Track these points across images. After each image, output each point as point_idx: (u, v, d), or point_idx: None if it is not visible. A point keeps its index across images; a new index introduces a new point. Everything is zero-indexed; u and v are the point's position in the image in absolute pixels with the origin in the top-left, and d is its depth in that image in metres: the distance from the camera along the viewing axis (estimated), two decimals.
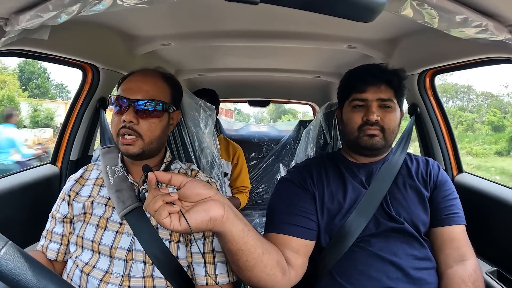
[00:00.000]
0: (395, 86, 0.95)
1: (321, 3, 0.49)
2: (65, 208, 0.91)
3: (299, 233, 0.88)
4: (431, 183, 0.97)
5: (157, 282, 0.82)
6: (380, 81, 0.94)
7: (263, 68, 2.04)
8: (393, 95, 0.94)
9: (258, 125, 3.40)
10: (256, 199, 2.44)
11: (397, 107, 0.96)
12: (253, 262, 0.71)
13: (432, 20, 0.63)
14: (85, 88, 1.36)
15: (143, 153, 0.86)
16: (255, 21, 1.18)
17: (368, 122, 0.92)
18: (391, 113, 0.94)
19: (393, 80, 0.95)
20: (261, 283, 0.76)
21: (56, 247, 0.90)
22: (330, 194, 0.94)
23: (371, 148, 0.94)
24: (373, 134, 0.92)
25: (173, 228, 0.60)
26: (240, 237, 0.67)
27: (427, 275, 0.86)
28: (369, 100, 0.93)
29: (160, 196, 0.61)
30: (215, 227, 0.64)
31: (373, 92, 0.93)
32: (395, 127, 0.95)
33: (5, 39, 0.71)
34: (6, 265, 0.45)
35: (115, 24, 1.19)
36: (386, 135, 0.94)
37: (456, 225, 0.92)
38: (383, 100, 0.93)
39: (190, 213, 0.62)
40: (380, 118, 0.92)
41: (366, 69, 0.99)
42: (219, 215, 0.63)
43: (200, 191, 0.64)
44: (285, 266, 0.81)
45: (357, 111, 0.95)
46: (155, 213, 0.60)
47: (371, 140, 0.93)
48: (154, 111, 0.85)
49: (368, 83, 0.94)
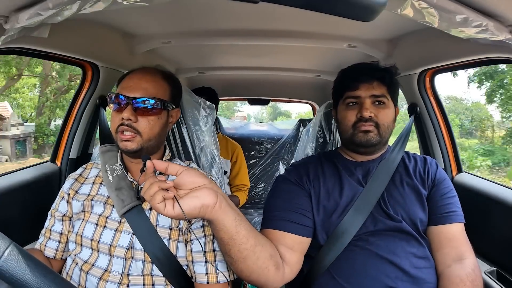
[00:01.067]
0: (387, 82, 0.96)
1: (321, 2, 0.49)
2: (64, 206, 0.91)
3: (294, 229, 0.88)
4: (429, 181, 0.97)
5: (156, 280, 0.83)
6: (372, 78, 0.95)
7: (263, 66, 2.04)
8: (386, 91, 0.96)
9: (258, 123, 3.40)
10: (255, 198, 2.45)
11: (391, 104, 0.97)
12: (246, 253, 0.72)
13: (432, 19, 0.63)
14: (84, 86, 1.36)
15: (142, 150, 0.86)
16: (255, 20, 1.18)
17: (362, 119, 0.93)
18: (385, 109, 0.95)
19: (385, 77, 0.96)
20: (254, 276, 0.77)
21: (55, 245, 0.91)
22: (326, 191, 0.94)
23: (366, 145, 0.95)
24: (368, 130, 0.93)
25: (166, 213, 0.62)
26: (232, 226, 0.69)
27: (426, 274, 0.86)
28: (362, 97, 0.94)
29: (156, 182, 0.63)
30: (207, 214, 0.66)
31: (365, 89, 0.94)
32: (389, 123, 0.96)
33: (5, 37, 0.70)
34: (10, 267, 0.45)
35: (115, 22, 1.19)
36: (381, 131, 0.94)
37: (454, 223, 0.92)
38: (376, 97, 0.94)
39: (184, 199, 0.64)
40: (374, 114, 0.93)
41: (357, 68, 1.01)
42: (211, 202, 0.65)
43: (194, 179, 0.66)
44: (279, 261, 0.81)
45: (351, 108, 0.96)
46: (150, 198, 0.62)
47: (366, 136, 0.93)
48: (152, 109, 0.85)
49: (361, 81, 0.95)
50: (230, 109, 26.11)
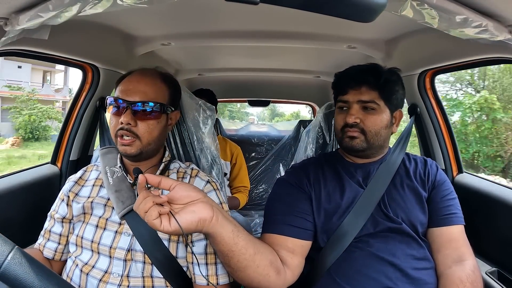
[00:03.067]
0: (378, 87, 0.93)
1: (321, 3, 0.49)
2: (64, 209, 0.91)
3: (295, 233, 0.88)
4: (429, 183, 0.97)
5: (156, 282, 0.82)
6: (359, 83, 0.94)
7: (263, 68, 2.04)
8: (378, 96, 0.93)
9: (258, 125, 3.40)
10: (256, 199, 2.44)
11: (384, 109, 0.94)
12: (245, 263, 0.72)
13: (432, 20, 0.63)
14: (85, 88, 1.36)
15: (141, 154, 0.86)
16: (255, 21, 1.18)
17: (348, 124, 0.93)
18: (374, 115, 0.93)
19: (374, 82, 0.93)
20: (255, 283, 0.76)
21: (54, 246, 0.91)
22: (327, 194, 0.94)
23: (351, 150, 0.95)
24: (353, 136, 0.93)
25: (163, 230, 0.61)
26: (230, 238, 0.69)
27: (426, 275, 0.86)
28: (350, 102, 0.94)
29: (151, 197, 0.61)
30: (205, 228, 0.65)
31: (353, 94, 0.94)
32: (378, 129, 0.93)
33: (5, 39, 0.70)
34: (14, 270, 0.45)
35: (115, 24, 1.19)
36: (368, 138, 0.93)
37: (454, 225, 0.91)
38: (364, 102, 0.93)
39: (180, 214, 0.63)
40: (360, 120, 0.93)
41: (347, 72, 1.00)
42: (208, 216, 0.65)
43: (189, 193, 0.65)
44: (280, 266, 0.81)
45: (341, 112, 0.97)
46: (145, 214, 0.61)
47: (351, 141, 0.94)
48: (152, 112, 0.85)
49: (349, 86, 0.95)
50: (240, 112, 27.46)
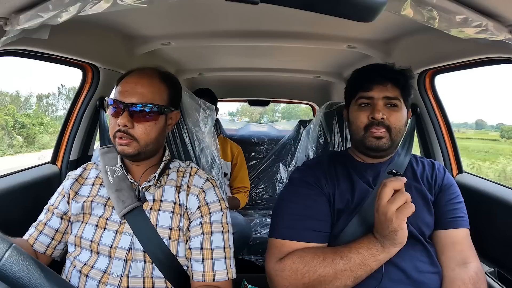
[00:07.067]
0: (401, 85, 0.94)
1: (321, 3, 0.49)
2: (65, 205, 0.90)
3: (315, 238, 0.88)
4: (436, 187, 0.96)
5: (156, 283, 0.82)
6: (386, 79, 0.93)
7: (263, 68, 2.04)
8: (400, 94, 0.94)
9: (258, 125, 3.40)
10: (256, 199, 2.44)
11: (404, 107, 0.95)
12: None
13: (432, 20, 0.63)
14: (85, 87, 1.36)
15: (139, 154, 0.86)
16: (255, 21, 1.18)
17: (374, 122, 0.91)
18: (398, 112, 0.93)
19: (399, 79, 0.94)
20: None
21: (47, 241, 0.89)
22: (340, 194, 0.94)
23: (377, 149, 0.94)
24: (380, 136, 0.92)
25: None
26: None
27: (429, 279, 0.85)
28: (375, 98, 0.93)
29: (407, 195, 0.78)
30: None
31: (379, 90, 0.93)
32: (401, 127, 0.94)
33: (5, 39, 0.70)
34: (11, 268, 0.45)
35: (115, 24, 1.19)
36: (393, 135, 0.93)
37: (460, 228, 0.91)
38: (389, 99, 0.93)
39: None
40: (386, 117, 0.91)
41: (372, 68, 0.99)
42: None
43: None
44: None
45: (363, 109, 0.95)
46: None
47: (377, 142, 0.92)
48: (150, 113, 0.84)
49: (375, 82, 0.93)
50: None
